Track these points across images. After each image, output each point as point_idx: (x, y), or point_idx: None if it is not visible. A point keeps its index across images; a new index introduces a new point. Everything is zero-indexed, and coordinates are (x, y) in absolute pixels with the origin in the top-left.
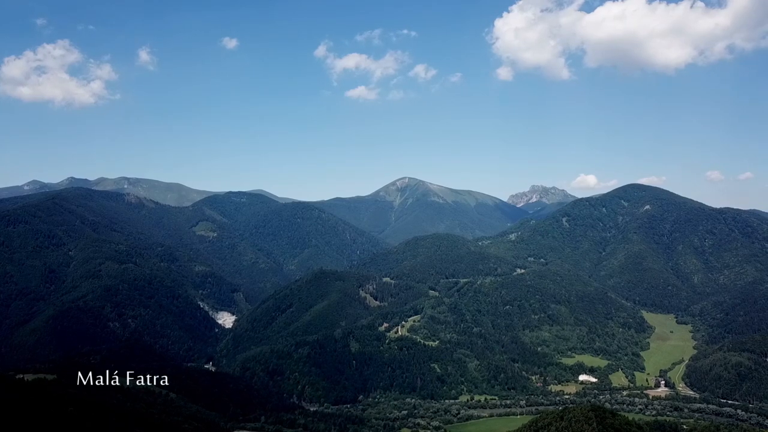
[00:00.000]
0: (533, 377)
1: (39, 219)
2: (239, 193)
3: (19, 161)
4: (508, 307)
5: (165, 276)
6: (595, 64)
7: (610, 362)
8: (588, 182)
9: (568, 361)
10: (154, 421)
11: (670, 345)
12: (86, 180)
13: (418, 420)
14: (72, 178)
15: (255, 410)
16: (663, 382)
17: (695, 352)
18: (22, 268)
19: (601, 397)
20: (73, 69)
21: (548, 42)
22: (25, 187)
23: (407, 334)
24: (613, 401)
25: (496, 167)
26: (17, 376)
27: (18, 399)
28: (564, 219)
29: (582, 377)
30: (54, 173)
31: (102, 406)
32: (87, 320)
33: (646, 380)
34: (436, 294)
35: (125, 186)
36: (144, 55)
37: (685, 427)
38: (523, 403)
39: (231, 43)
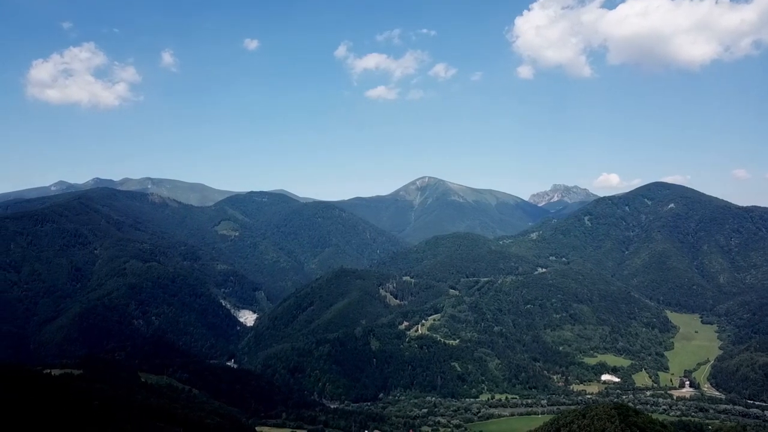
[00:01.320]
0: (555, 377)
1: (66, 218)
2: (261, 192)
3: (46, 162)
4: (529, 306)
5: (188, 274)
6: (617, 61)
7: (633, 362)
8: (610, 181)
9: (591, 361)
10: (177, 416)
11: (695, 345)
12: (111, 180)
13: (439, 418)
14: (97, 178)
15: (276, 407)
16: (688, 382)
17: (721, 352)
18: (50, 266)
19: (624, 397)
20: (98, 71)
21: (570, 40)
22: (52, 188)
23: (427, 332)
24: (636, 401)
25: (517, 166)
26: (45, 371)
27: (46, 393)
28: (586, 218)
29: (604, 377)
30: (80, 174)
31: (126, 400)
32: (112, 317)
33: (671, 380)
34: (457, 293)
35: (149, 186)
36: (167, 57)
37: (710, 427)
38: (544, 402)
39: (252, 45)
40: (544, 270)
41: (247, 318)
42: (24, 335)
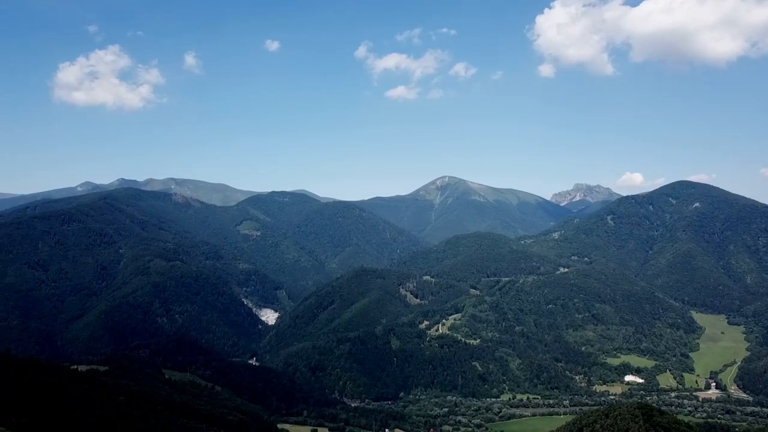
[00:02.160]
0: (577, 377)
1: (91, 218)
2: (282, 192)
3: (72, 163)
4: (551, 306)
5: (210, 273)
6: (641, 58)
7: (657, 363)
8: (634, 180)
9: (614, 362)
10: (200, 413)
11: (721, 346)
12: (135, 181)
13: (459, 417)
14: (122, 179)
15: (297, 404)
16: (713, 383)
17: (748, 353)
18: (76, 265)
19: (648, 398)
20: (123, 74)
21: (592, 37)
22: (79, 188)
23: (448, 332)
24: (660, 402)
25: (539, 165)
26: (72, 367)
27: (73, 388)
28: (609, 217)
29: (628, 378)
30: (105, 174)
31: (150, 396)
32: (136, 315)
33: (696, 382)
34: (478, 293)
35: (172, 186)
36: (190, 60)
37: (737, 430)
38: (566, 402)
39: (273, 46)
40: (566, 270)
41: (269, 317)
42: (51, 332)
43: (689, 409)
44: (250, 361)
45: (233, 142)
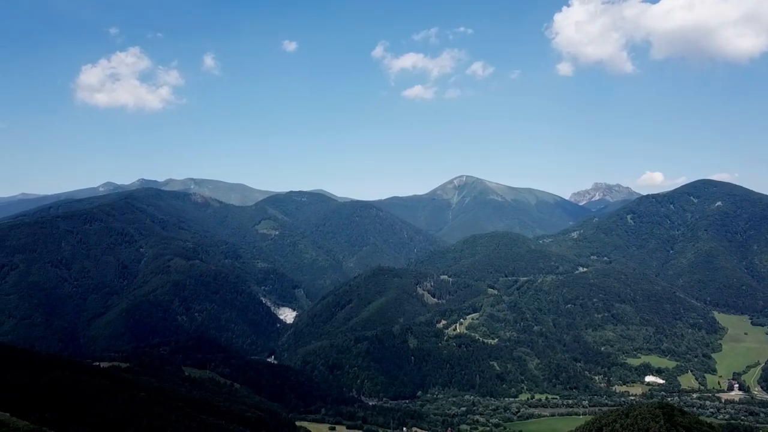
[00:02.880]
0: (596, 377)
1: (113, 218)
2: (300, 192)
3: (94, 164)
4: (569, 305)
5: (229, 272)
6: (661, 56)
7: (678, 363)
8: (654, 180)
9: (634, 362)
10: (219, 409)
11: (745, 347)
12: (155, 181)
13: (477, 417)
14: (143, 179)
15: (315, 402)
16: (737, 385)
17: None
18: (98, 263)
19: (669, 399)
20: (143, 75)
21: (611, 35)
22: (100, 188)
23: (466, 331)
24: (682, 403)
25: (557, 165)
26: (94, 364)
27: (96, 384)
28: (629, 216)
29: (648, 378)
30: (126, 175)
31: (171, 393)
32: (157, 314)
33: (718, 383)
34: (496, 292)
35: (192, 186)
36: (209, 61)
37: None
38: (585, 403)
39: (291, 46)
40: (585, 269)
41: (287, 315)
42: (74, 330)
43: (711, 410)
44: (269, 360)
45: (251, 142)
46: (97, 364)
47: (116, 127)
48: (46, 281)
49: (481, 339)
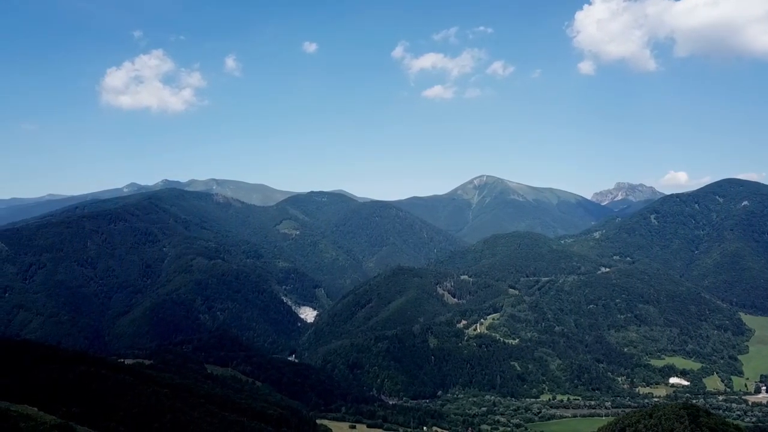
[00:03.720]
0: (619, 378)
1: (137, 218)
2: (320, 192)
3: (119, 165)
4: (592, 306)
5: (251, 272)
6: (685, 53)
7: (703, 365)
8: (678, 179)
9: (658, 363)
10: (240, 406)
11: None
12: (178, 182)
13: (498, 417)
14: (166, 180)
15: (336, 401)
16: (764, 387)
17: None
18: (123, 262)
19: (693, 401)
20: (166, 78)
21: (633, 33)
22: (125, 189)
23: (486, 331)
24: (707, 405)
25: (579, 164)
26: (119, 360)
27: (121, 380)
28: (652, 216)
29: (673, 380)
30: (150, 175)
31: (193, 389)
32: (180, 312)
33: (745, 385)
34: (516, 292)
35: (214, 187)
36: (230, 63)
37: None
38: (608, 404)
39: (311, 48)
40: (607, 270)
41: (308, 314)
42: (99, 328)
43: (738, 412)
44: (290, 358)
45: (272, 143)
46: (122, 360)
47: (140, 129)
48: (72, 280)
49: (501, 339)
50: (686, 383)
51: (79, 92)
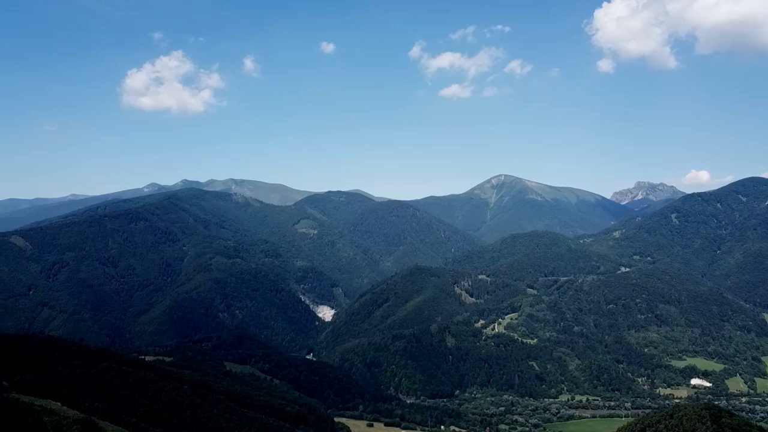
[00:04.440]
0: (639, 379)
1: (157, 217)
2: (338, 192)
3: (140, 165)
4: (611, 306)
5: (269, 270)
6: (707, 50)
7: (726, 366)
8: (700, 178)
9: (679, 364)
10: (259, 403)
11: None
12: (198, 181)
13: (516, 417)
14: (185, 180)
15: (353, 399)
16: None
17: None
18: (143, 261)
19: (716, 402)
20: (186, 79)
21: (653, 30)
22: (145, 189)
23: (504, 331)
24: (730, 407)
25: (599, 163)
26: (140, 357)
27: (142, 377)
28: (673, 215)
29: (694, 381)
30: (170, 176)
31: (212, 386)
32: (199, 310)
33: None
34: (535, 292)
35: (233, 187)
36: (249, 64)
37: None
38: (628, 405)
39: (328, 48)
40: (627, 269)
41: (325, 313)
42: (120, 326)
43: (762, 414)
44: (307, 357)
45: (290, 143)
46: (143, 357)
47: (160, 130)
48: (94, 278)
49: (520, 339)
50: (708, 385)
51: (101, 94)
